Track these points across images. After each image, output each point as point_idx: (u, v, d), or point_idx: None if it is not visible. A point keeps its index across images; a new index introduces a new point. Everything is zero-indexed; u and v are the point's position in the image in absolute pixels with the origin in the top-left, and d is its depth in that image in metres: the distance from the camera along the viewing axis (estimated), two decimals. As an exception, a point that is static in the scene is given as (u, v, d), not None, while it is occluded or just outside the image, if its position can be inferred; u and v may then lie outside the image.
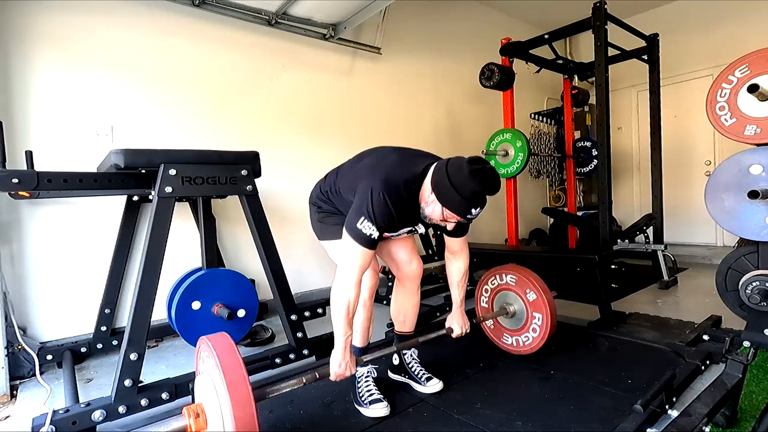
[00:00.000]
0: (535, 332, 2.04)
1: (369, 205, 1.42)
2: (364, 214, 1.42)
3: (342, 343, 1.46)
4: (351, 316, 1.46)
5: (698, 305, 2.89)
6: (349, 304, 1.43)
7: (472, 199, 1.39)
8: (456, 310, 1.83)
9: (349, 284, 1.43)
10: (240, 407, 1.13)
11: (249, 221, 2.08)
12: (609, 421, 1.49)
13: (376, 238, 1.43)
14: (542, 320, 2.00)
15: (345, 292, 1.43)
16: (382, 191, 1.42)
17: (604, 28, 3.04)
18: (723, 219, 2.03)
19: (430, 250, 3.88)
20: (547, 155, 4.88)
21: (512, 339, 2.15)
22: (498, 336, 2.21)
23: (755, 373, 1.86)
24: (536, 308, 2.03)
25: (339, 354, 1.46)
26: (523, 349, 2.10)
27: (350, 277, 1.44)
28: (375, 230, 1.42)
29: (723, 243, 4.93)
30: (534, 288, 2.02)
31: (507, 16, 5.21)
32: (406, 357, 1.88)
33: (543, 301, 1.99)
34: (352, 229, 1.44)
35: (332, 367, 1.47)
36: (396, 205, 1.45)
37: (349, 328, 1.46)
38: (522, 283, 2.07)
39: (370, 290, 1.67)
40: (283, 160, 3.36)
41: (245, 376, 1.18)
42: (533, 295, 2.03)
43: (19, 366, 2.22)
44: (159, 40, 2.88)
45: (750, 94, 1.89)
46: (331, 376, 1.47)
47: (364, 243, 1.43)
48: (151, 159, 1.80)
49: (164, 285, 2.00)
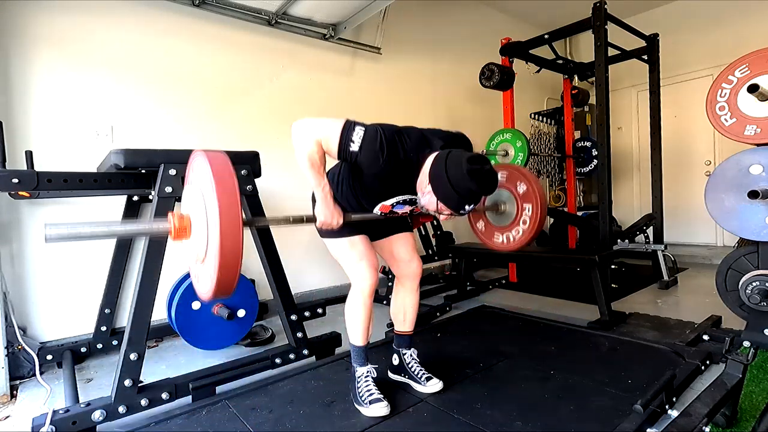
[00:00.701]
0: (525, 224, 1.98)
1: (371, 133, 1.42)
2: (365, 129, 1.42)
3: (321, 194, 1.47)
4: (318, 166, 1.45)
5: (698, 305, 2.89)
6: (311, 155, 1.43)
7: (467, 197, 1.40)
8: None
9: (309, 138, 1.43)
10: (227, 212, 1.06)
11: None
12: (609, 421, 1.49)
13: (351, 151, 1.41)
14: (532, 210, 1.94)
15: (305, 145, 1.43)
16: (386, 136, 1.42)
17: (604, 28, 3.04)
18: (723, 219, 2.03)
19: (430, 250, 3.88)
20: (547, 155, 4.87)
21: (503, 236, 2.08)
22: (489, 237, 2.14)
23: (755, 373, 1.86)
24: (526, 199, 1.97)
25: (322, 203, 1.47)
26: (514, 244, 2.04)
27: (310, 133, 1.43)
28: (357, 146, 1.40)
29: (723, 243, 4.93)
30: (524, 179, 1.97)
31: (507, 16, 5.21)
32: (406, 357, 1.88)
33: (533, 191, 1.94)
34: (349, 122, 1.44)
35: (318, 216, 1.48)
36: (390, 153, 1.42)
37: (322, 178, 1.47)
38: (512, 177, 2.01)
39: (370, 288, 1.67)
40: (283, 160, 3.35)
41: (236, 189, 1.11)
42: (523, 187, 1.97)
43: (19, 366, 2.22)
44: (159, 40, 2.88)
45: (750, 94, 1.88)
46: (317, 223, 1.48)
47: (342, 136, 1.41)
48: (151, 159, 1.80)
49: (164, 285, 2.00)
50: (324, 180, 1.48)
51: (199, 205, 1.13)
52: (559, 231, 4.90)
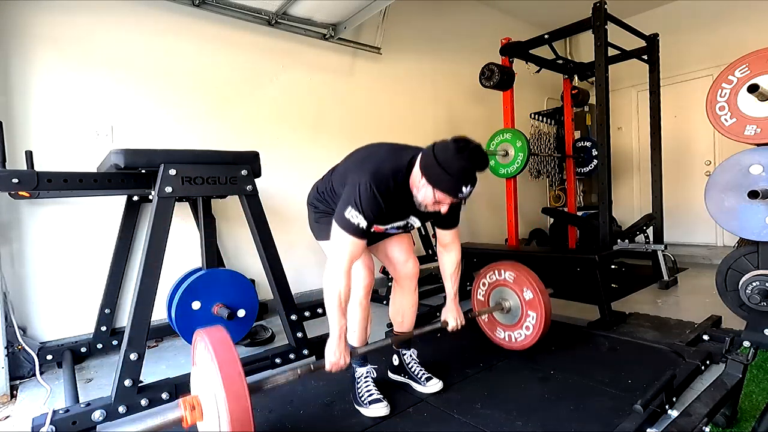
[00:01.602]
0: (528, 330, 2.06)
1: (357, 195, 1.43)
2: (351, 204, 1.43)
3: (336, 333, 1.47)
4: (344, 306, 1.47)
5: (698, 305, 2.89)
6: (341, 294, 1.45)
7: (461, 176, 1.37)
8: (450, 303, 1.83)
9: (339, 273, 1.45)
10: (235, 400, 1.13)
11: (249, 221, 2.08)
12: (609, 421, 1.49)
13: (364, 228, 1.44)
14: (536, 319, 2.02)
15: (336, 281, 1.45)
16: (369, 182, 1.43)
17: (604, 28, 3.04)
18: (723, 219, 2.03)
19: (429, 250, 3.88)
20: (547, 155, 4.88)
21: (505, 334, 2.16)
22: (491, 330, 2.23)
23: (755, 373, 1.86)
24: (531, 307, 2.04)
25: (334, 343, 1.47)
26: (515, 345, 2.12)
27: (340, 267, 1.45)
28: (362, 219, 1.43)
29: (723, 243, 4.93)
30: (531, 287, 2.03)
31: (507, 16, 5.21)
32: (406, 357, 1.88)
33: (539, 301, 2.01)
34: (340, 219, 1.46)
35: (327, 357, 1.47)
36: (384, 196, 1.45)
37: (342, 318, 1.47)
38: (520, 281, 2.08)
39: (366, 289, 1.67)
40: (283, 160, 3.36)
41: (240, 369, 1.18)
42: (530, 294, 2.04)
43: (19, 366, 2.22)
44: (159, 40, 2.88)
45: (750, 94, 1.89)
46: (326, 365, 1.47)
47: (352, 232, 1.44)
48: (151, 159, 1.80)
49: (164, 285, 2.00)
50: (344, 320, 1.49)
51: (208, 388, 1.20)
52: (559, 231, 4.90)
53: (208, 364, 1.21)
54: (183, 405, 1.20)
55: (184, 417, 1.19)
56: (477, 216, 4.74)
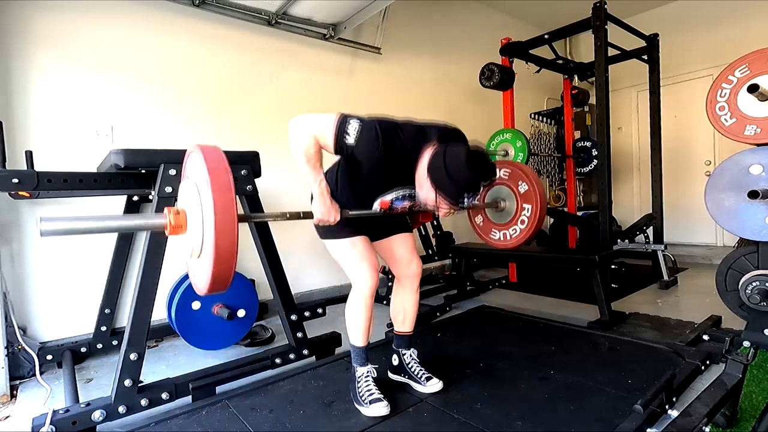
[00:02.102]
0: (523, 224, 2.02)
1: (367, 125, 1.42)
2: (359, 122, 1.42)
3: (318, 189, 1.47)
4: (315, 162, 1.46)
5: (698, 305, 2.89)
6: (307, 150, 1.44)
7: (464, 188, 1.40)
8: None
9: (304, 133, 1.43)
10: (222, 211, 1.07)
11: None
12: (609, 421, 1.49)
13: (347, 144, 1.42)
14: (531, 211, 1.98)
15: (301, 140, 1.43)
16: (382, 128, 1.43)
17: (604, 28, 3.04)
18: (723, 219, 2.03)
19: (430, 250, 3.88)
20: (547, 155, 4.87)
21: (500, 234, 2.13)
22: (486, 232, 2.19)
23: (755, 373, 1.86)
24: (526, 199, 2.00)
25: (319, 199, 1.47)
26: (510, 242, 2.09)
27: (305, 128, 1.44)
28: (352, 139, 1.41)
29: (723, 243, 4.93)
30: (526, 179, 1.99)
31: (507, 16, 5.21)
32: (406, 357, 1.88)
33: (534, 192, 1.97)
34: (343, 115, 1.44)
35: (315, 212, 1.48)
36: (386, 146, 1.43)
37: (318, 173, 1.47)
38: (515, 175, 2.03)
39: (370, 290, 1.67)
40: (283, 160, 3.35)
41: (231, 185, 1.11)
42: (525, 186, 2.00)
43: (19, 366, 2.22)
44: (159, 40, 2.88)
45: (750, 94, 1.88)
46: (315, 219, 1.48)
47: (337, 130, 1.42)
48: (151, 159, 1.80)
49: (164, 285, 2.00)
50: (321, 175, 1.48)
51: (195, 200, 1.13)
52: (559, 231, 4.90)
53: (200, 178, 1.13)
54: (168, 211, 1.16)
55: (168, 222, 1.14)
56: (477, 216, 4.74)
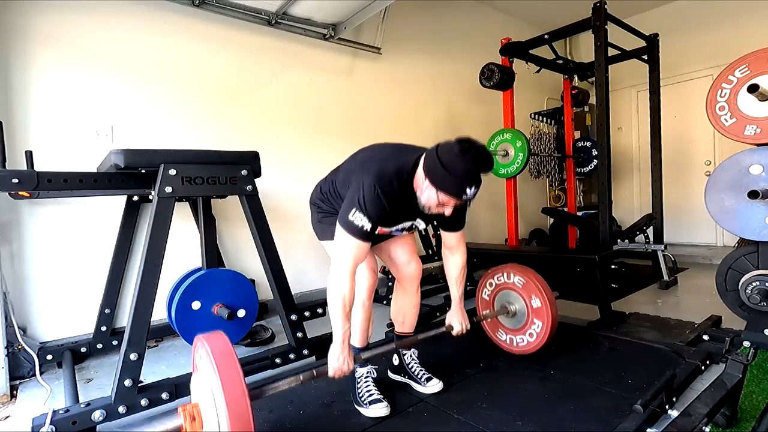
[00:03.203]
0: (531, 337, 2.04)
1: (361, 197, 1.42)
2: (355, 206, 1.42)
3: (340, 338, 1.46)
4: (348, 310, 1.46)
5: (698, 305, 2.89)
6: (345, 298, 1.44)
7: (465, 178, 1.36)
8: (456, 307, 1.82)
9: (344, 277, 1.44)
10: (235, 407, 1.12)
11: (249, 221, 2.08)
12: (609, 421, 1.49)
13: (368, 230, 1.43)
14: (542, 327, 2.00)
15: (340, 285, 1.44)
16: (373, 183, 1.42)
17: (604, 28, 3.04)
18: (723, 219, 2.03)
19: (430, 250, 3.87)
20: (547, 155, 4.87)
21: (507, 337, 2.15)
22: (494, 331, 2.21)
23: (755, 373, 1.86)
24: (538, 315, 2.01)
25: (337, 348, 1.46)
26: (516, 349, 2.11)
27: (344, 270, 1.44)
28: (367, 222, 1.42)
29: (723, 243, 4.93)
30: (540, 295, 1.99)
31: (507, 16, 5.21)
32: (406, 357, 1.88)
33: (546, 310, 1.98)
34: (344, 222, 1.45)
35: (330, 363, 1.46)
36: (388, 197, 1.44)
37: (346, 322, 1.46)
38: (529, 287, 2.03)
39: (369, 290, 1.67)
40: (283, 160, 3.36)
41: (240, 376, 1.17)
42: (538, 303, 2.01)
43: (19, 366, 2.22)
44: (159, 40, 2.88)
45: (750, 94, 1.89)
46: (330, 371, 1.46)
47: (357, 234, 1.43)
48: (151, 159, 1.80)
49: (164, 285, 2.00)
50: (348, 325, 1.47)
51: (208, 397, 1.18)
52: (559, 231, 4.90)
53: (208, 371, 1.20)
54: (183, 415, 1.19)
55: (183, 428, 1.18)
56: (477, 216, 4.74)
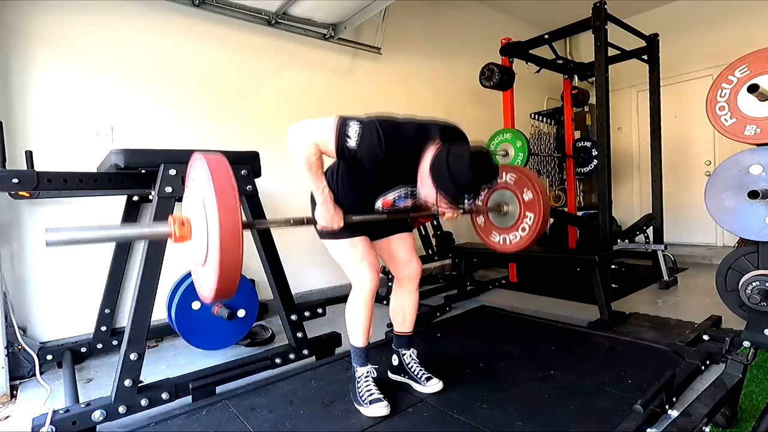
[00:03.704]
0: (524, 231, 2.01)
1: (367, 126, 1.42)
2: (357, 122, 1.42)
3: (321, 196, 1.47)
4: (316, 169, 1.45)
5: (698, 305, 2.89)
6: (308, 157, 1.43)
7: (467, 189, 1.40)
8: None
9: (304, 141, 1.42)
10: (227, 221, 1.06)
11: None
12: (609, 421, 1.49)
13: (349, 147, 1.41)
14: (533, 220, 1.97)
15: (301, 148, 1.42)
16: (382, 127, 1.42)
17: (604, 28, 3.04)
18: (723, 219, 2.03)
19: (430, 250, 3.88)
20: (547, 155, 4.87)
21: (500, 237, 2.12)
22: (486, 234, 2.18)
23: (755, 373, 1.86)
24: (530, 208, 1.99)
25: (322, 206, 1.48)
26: (509, 247, 2.08)
27: (306, 138, 1.42)
28: (354, 142, 1.40)
29: (723, 243, 4.93)
30: (531, 188, 1.98)
31: (507, 16, 5.21)
32: (405, 357, 1.88)
33: (538, 201, 1.96)
34: (341, 118, 1.43)
35: (320, 219, 1.48)
36: (389, 144, 1.42)
37: (320, 180, 1.47)
38: (521, 182, 2.01)
39: (371, 291, 1.66)
40: (283, 160, 3.35)
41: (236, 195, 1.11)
42: (529, 195, 1.98)
43: (19, 366, 2.22)
44: (159, 40, 2.88)
45: (750, 94, 1.88)
46: (318, 226, 1.49)
47: (337, 134, 1.41)
48: (151, 159, 1.80)
49: (164, 285, 2.00)
50: (323, 182, 1.48)
51: (199, 207, 1.13)
52: (559, 231, 4.90)
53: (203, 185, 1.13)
54: (172, 220, 1.16)
55: (172, 232, 1.15)
56: (477, 216, 4.74)
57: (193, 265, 1.26)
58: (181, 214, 1.21)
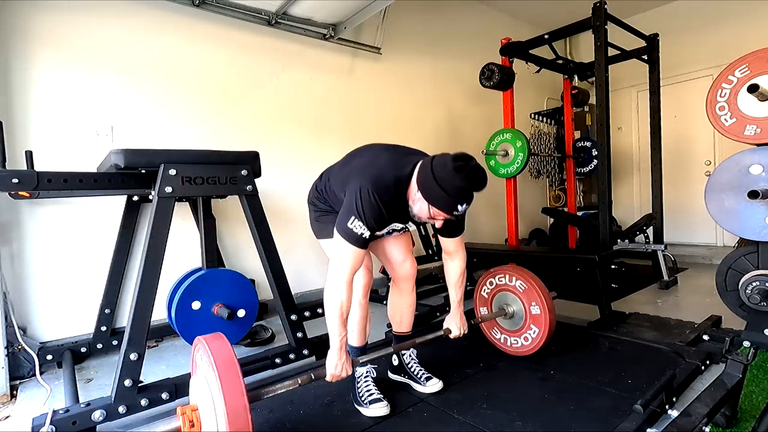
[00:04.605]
0: (527, 341, 2.05)
1: (359, 204, 1.42)
2: (354, 214, 1.43)
3: (337, 344, 1.46)
4: (345, 317, 1.46)
5: (698, 305, 2.89)
6: (342, 305, 1.44)
7: (457, 196, 1.38)
8: (454, 311, 1.82)
9: (341, 284, 1.44)
10: (234, 411, 1.12)
11: (249, 221, 2.08)
12: (609, 421, 1.49)
13: (366, 237, 1.44)
14: (538, 334, 2.01)
15: (337, 292, 1.44)
16: (372, 190, 1.43)
17: (604, 28, 3.04)
18: (723, 219, 2.03)
19: (430, 250, 3.88)
20: (547, 155, 4.87)
21: (502, 336, 2.16)
22: (489, 328, 2.22)
23: (755, 373, 1.86)
24: (536, 322, 2.02)
25: (335, 354, 1.47)
26: (510, 350, 2.12)
27: (342, 277, 1.44)
28: (365, 229, 1.43)
29: (723, 243, 4.93)
30: (540, 302, 2.00)
31: (507, 16, 5.21)
32: (405, 357, 1.88)
33: (545, 318, 1.98)
34: (342, 229, 1.45)
35: (328, 368, 1.47)
36: (386, 205, 1.45)
37: (343, 329, 1.47)
38: (529, 293, 2.03)
39: (364, 288, 1.67)
40: (283, 160, 3.35)
41: (240, 379, 1.17)
42: (537, 310, 2.01)
43: (19, 366, 2.22)
44: (159, 39, 2.88)
45: (750, 94, 1.88)
46: (327, 377, 1.47)
47: (355, 242, 1.44)
48: (151, 159, 1.80)
49: (164, 285, 2.00)
50: (345, 332, 1.48)
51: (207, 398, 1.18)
52: (559, 231, 4.90)
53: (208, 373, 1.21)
54: (183, 419, 1.19)
55: (181, 430, 1.19)
56: (477, 216, 4.74)
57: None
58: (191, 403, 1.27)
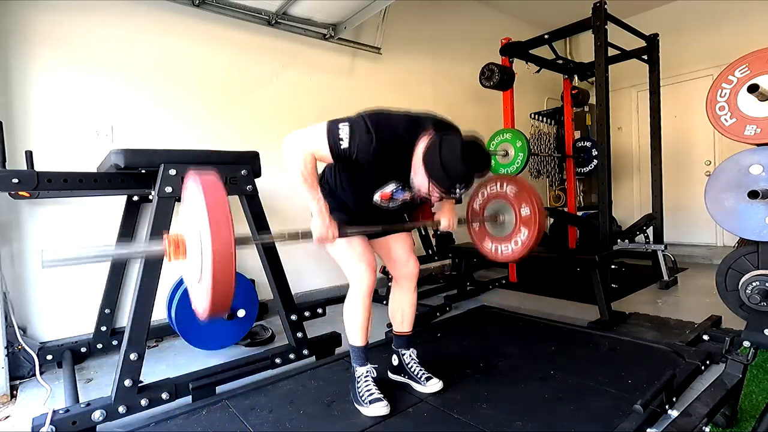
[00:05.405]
0: (516, 245, 2.01)
1: (357, 124, 1.42)
2: (348, 124, 1.42)
3: (316, 207, 1.47)
4: (311, 180, 1.46)
5: (698, 305, 2.89)
6: (303, 168, 1.44)
7: (459, 179, 1.41)
8: (447, 205, 1.85)
9: (298, 153, 1.44)
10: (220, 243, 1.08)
11: (249, 221, 2.08)
12: (609, 421, 1.49)
13: (342, 149, 1.42)
14: (527, 236, 1.97)
15: (296, 160, 1.44)
16: (372, 121, 1.43)
17: (604, 28, 3.04)
18: (723, 219, 2.03)
19: (429, 250, 3.88)
20: (547, 155, 4.87)
21: (493, 245, 2.11)
22: (480, 239, 2.17)
23: (755, 373, 1.86)
24: (526, 224, 1.98)
25: (317, 218, 1.47)
26: (500, 257, 2.08)
27: (300, 150, 1.44)
28: (347, 142, 1.41)
29: (723, 243, 4.93)
30: (530, 204, 1.97)
31: (507, 16, 5.21)
32: (405, 357, 1.88)
33: (534, 219, 1.95)
34: (330, 123, 1.44)
35: (314, 231, 1.47)
36: (383, 142, 1.43)
37: (316, 192, 1.47)
38: (520, 196, 2.00)
39: (368, 289, 1.67)
40: (283, 160, 3.35)
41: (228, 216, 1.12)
42: (527, 210, 1.98)
43: (19, 366, 2.22)
44: (159, 40, 2.88)
45: (750, 94, 1.88)
46: (314, 238, 1.48)
47: (330, 139, 1.42)
48: (151, 159, 1.80)
49: (164, 285, 2.00)
50: (318, 194, 1.48)
51: (193, 226, 1.15)
52: (559, 231, 4.90)
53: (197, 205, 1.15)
54: (167, 241, 1.17)
55: (167, 252, 1.17)
56: (477, 216, 4.74)
57: (189, 285, 1.27)
58: (177, 232, 1.23)
